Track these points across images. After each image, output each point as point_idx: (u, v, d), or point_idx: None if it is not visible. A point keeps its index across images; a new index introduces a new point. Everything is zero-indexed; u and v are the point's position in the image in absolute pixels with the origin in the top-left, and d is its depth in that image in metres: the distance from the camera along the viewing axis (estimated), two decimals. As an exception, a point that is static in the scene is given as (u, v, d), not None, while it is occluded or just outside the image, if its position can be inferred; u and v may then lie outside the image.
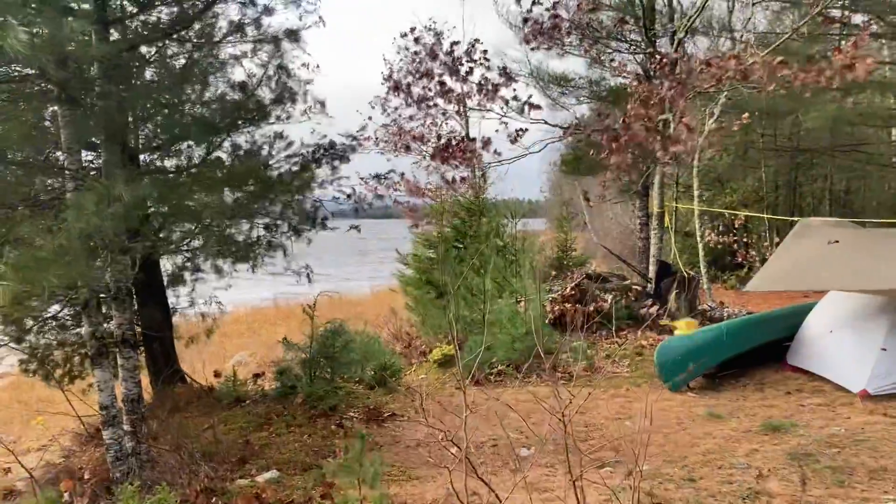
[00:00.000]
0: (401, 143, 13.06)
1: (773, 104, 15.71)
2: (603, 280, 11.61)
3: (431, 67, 12.06)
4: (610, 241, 25.02)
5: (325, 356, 7.28)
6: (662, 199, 12.31)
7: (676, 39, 10.87)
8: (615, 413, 7.15)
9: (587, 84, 16.98)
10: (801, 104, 15.03)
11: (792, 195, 21.33)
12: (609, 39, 13.25)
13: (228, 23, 7.14)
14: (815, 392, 7.74)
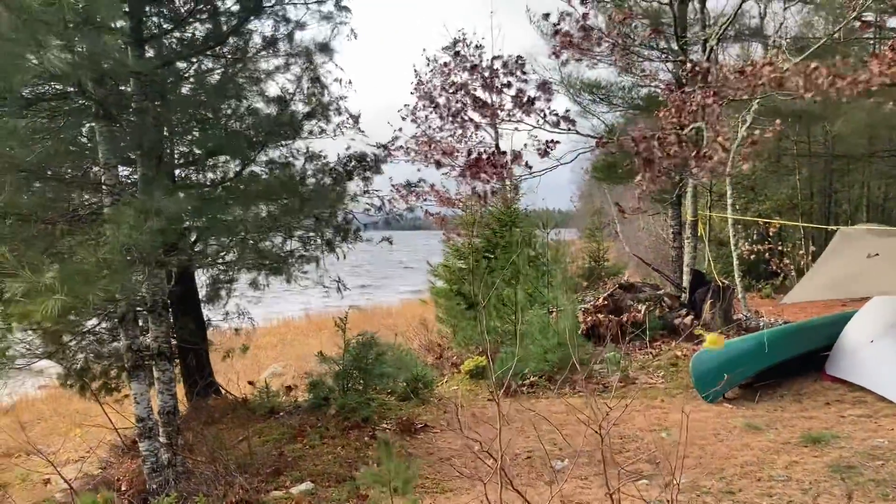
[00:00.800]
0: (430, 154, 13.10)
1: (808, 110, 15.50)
2: (636, 290, 11.50)
3: (466, 80, 12.09)
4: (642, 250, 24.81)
5: (357, 368, 7.29)
6: (696, 208, 12.18)
7: (708, 47, 10.78)
8: (651, 425, 7.06)
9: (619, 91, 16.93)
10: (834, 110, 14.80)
11: (827, 202, 20.97)
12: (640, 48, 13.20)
13: (262, 38, 7.25)
14: (856, 403, 7.57)
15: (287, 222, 7.08)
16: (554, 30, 10.13)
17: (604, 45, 10.46)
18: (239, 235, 6.76)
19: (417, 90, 12.62)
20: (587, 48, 10.32)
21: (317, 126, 7.60)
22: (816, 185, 20.98)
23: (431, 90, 12.89)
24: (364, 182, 7.21)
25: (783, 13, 12.86)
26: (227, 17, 6.80)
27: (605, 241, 25.27)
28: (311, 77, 7.32)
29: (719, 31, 10.56)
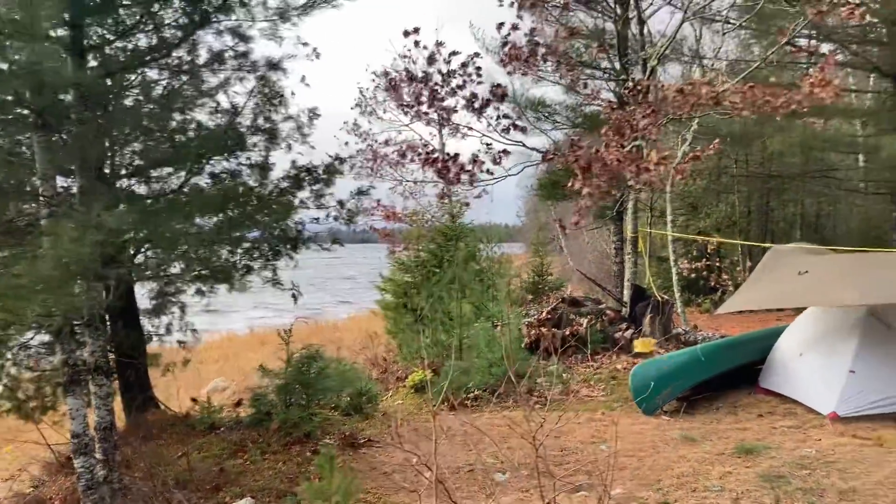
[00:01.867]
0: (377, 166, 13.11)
1: (744, 129, 16.04)
2: (578, 304, 11.70)
3: (429, 72, 12.01)
4: (586, 265, 25.22)
5: (300, 382, 7.25)
6: (636, 225, 12.47)
7: (649, 67, 11.08)
8: (590, 437, 7.20)
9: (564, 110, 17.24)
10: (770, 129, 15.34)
11: (764, 220, 21.67)
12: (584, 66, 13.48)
13: (208, 51, 7.20)
14: (786, 415, 7.84)
15: (232, 235, 7.02)
16: (502, 41, 10.27)
17: (549, 62, 10.65)
18: (182, 248, 6.68)
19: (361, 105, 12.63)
20: (533, 63, 10.49)
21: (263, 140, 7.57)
22: (754, 203, 21.67)
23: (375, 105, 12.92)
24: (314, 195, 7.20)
25: (721, 37, 13.27)
26: (174, 29, 6.74)
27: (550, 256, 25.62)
28: (259, 90, 7.30)
29: (659, 52, 10.88)
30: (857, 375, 7.49)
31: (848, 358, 7.61)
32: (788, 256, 9.23)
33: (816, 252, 9.54)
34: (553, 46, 10.50)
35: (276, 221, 6.84)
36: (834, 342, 8.00)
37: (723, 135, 15.66)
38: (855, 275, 7.95)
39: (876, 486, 5.49)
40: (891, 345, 7.64)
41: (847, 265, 8.65)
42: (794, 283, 8.36)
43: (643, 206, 18.07)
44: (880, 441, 6.71)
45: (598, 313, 11.23)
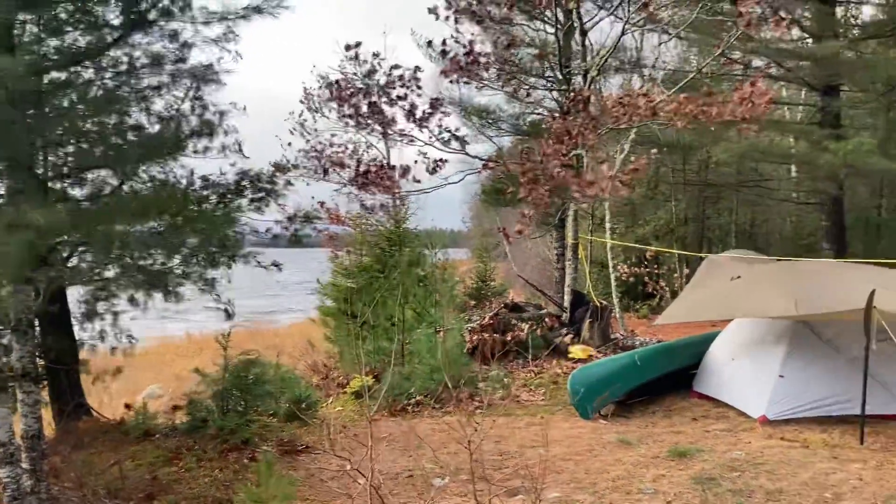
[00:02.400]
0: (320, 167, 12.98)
1: (681, 139, 16.45)
2: (520, 310, 11.82)
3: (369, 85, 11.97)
4: (529, 271, 25.43)
5: (238, 388, 7.16)
6: (576, 232, 12.66)
7: (589, 77, 11.28)
8: (530, 441, 7.27)
9: (509, 117, 17.42)
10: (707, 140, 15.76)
11: (701, 228, 22.22)
12: (527, 75, 13.63)
13: (146, 53, 7.05)
14: (719, 418, 8.06)
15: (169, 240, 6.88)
16: (441, 50, 10.33)
17: (491, 71, 10.75)
18: (117, 252, 6.52)
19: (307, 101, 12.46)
20: (475, 72, 10.58)
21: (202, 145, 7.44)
22: (691, 211, 22.21)
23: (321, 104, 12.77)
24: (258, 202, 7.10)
25: (659, 48, 13.62)
26: (111, 29, 6.59)
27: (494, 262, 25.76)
28: (198, 94, 7.18)
29: (599, 63, 11.09)
30: (786, 380, 7.75)
31: (777, 363, 7.87)
32: (723, 266, 9.51)
33: (750, 261, 9.84)
34: (495, 55, 10.62)
35: (214, 230, 6.73)
36: (764, 348, 8.26)
37: (660, 144, 16.03)
38: (788, 285, 8.21)
39: (801, 487, 5.68)
40: (817, 350, 7.92)
41: (780, 275, 8.93)
42: (731, 295, 8.62)
43: (584, 214, 18.38)
44: (806, 443, 6.96)
45: (538, 319, 11.36)
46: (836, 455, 6.56)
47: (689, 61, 19.58)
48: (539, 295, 14.82)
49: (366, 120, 11.88)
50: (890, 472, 6.08)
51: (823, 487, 5.67)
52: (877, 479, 5.85)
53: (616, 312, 14.48)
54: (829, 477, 5.92)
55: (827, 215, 17.14)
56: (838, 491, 5.59)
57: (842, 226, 17.21)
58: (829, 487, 5.68)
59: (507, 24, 10.96)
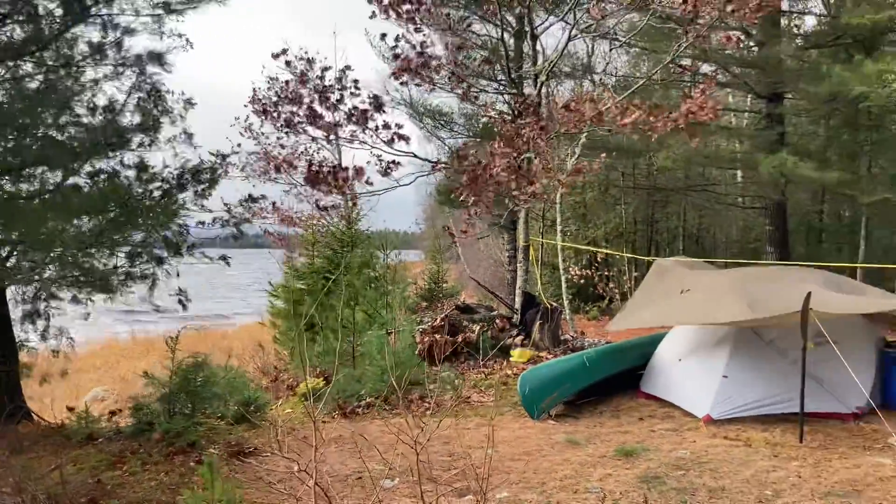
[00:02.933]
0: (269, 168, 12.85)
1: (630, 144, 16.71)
2: (471, 311, 11.86)
3: (301, 93, 11.90)
4: (482, 272, 25.56)
5: (185, 391, 7.03)
6: (527, 234, 12.75)
7: (539, 82, 11.38)
8: (479, 442, 7.29)
9: (462, 119, 17.50)
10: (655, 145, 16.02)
11: (650, 231, 22.61)
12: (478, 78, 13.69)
13: (88, 45, 6.90)
14: (665, 418, 8.20)
15: (112, 237, 6.73)
16: (393, 54, 10.32)
17: (442, 73, 10.77)
18: (57, 250, 6.36)
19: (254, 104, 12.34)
20: (426, 75, 10.58)
21: (147, 138, 7.30)
22: (640, 214, 22.57)
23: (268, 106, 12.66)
24: (198, 196, 6.99)
25: (610, 54, 13.82)
26: (50, 21, 6.43)
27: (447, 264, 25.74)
28: (142, 87, 7.05)
29: (548, 68, 11.20)
30: (730, 380, 7.94)
31: (721, 364, 8.06)
32: (671, 271, 9.69)
33: (694, 266, 10.05)
34: (446, 58, 10.65)
35: (158, 225, 6.61)
36: (709, 349, 8.44)
37: (610, 148, 16.25)
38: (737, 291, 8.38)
39: (742, 485, 5.82)
40: (760, 351, 8.13)
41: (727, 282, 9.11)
42: (679, 300, 8.78)
43: (536, 216, 18.56)
44: (748, 442, 7.13)
45: (489, 320, 11.42)
46: (776, 453, 6.73)
47: (639, 67, 19.89)
48: (491, 297, 14.90)
49: (303, 125, 11.84)
50: (827, 468, 6.26)
51: (764, 485, 5.81)
52: (814, 476, 6.02)
53: (566, 314, 14.63)
54: (769, 474, 6.07)
55: (770, 220, 17.61)
56: (778, 488, 5.74)
57: (785, 230, 17.70)
58: (770, 485, 5.82)
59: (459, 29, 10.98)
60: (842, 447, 6.94)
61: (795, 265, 13.24)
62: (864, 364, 8.12)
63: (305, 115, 11.40)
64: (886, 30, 14.07)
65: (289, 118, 11.51)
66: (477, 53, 14.06)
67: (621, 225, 21.76)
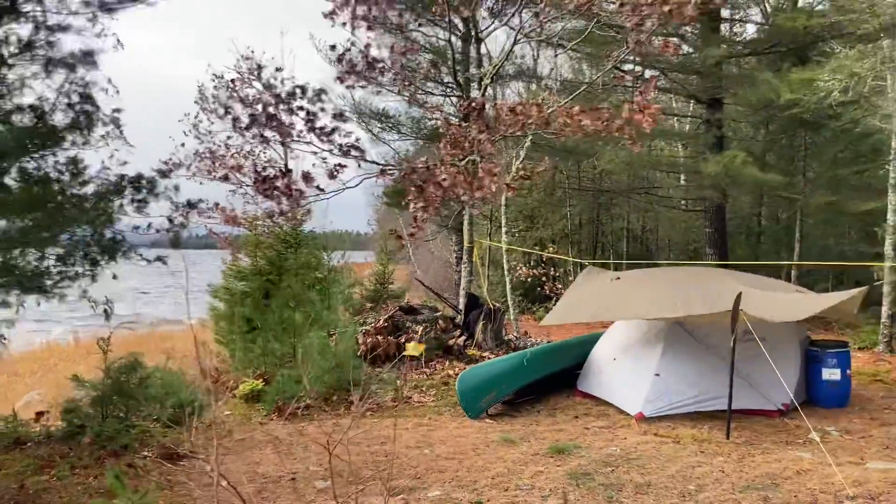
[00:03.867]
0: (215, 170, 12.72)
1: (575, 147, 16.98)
2: (415, 312, 11.92)
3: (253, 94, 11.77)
4: (431, 273, 25.69)
5: (118, 393, 6.95)
6: (472, 235, 12.87)
7: (483, 85, 11.51)
8: (416, 442, 7.37)
9: (409, 121, 17.57)
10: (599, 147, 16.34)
11: (595, 232, 22.98)
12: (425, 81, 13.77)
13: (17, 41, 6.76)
14: (599, 416, 8.39)
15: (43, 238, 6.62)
16: (338, 56, 10.32)
17: (388, 76, 10.81)
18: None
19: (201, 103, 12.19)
20: (372, 77, 10.61)
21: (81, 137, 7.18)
22: (586, 216, 22.94)
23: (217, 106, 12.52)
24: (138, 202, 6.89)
25: (556, 59, 14.03)
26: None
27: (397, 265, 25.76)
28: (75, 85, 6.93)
29: (493, 71, 11.34)
30: (661, 378, 8.16)
31: (654, 362, 8.28)
32: (601, 275, 9.93)
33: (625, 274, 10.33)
34: (392, 60, 10.68)
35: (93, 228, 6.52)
36: (642, 347, 8.66)
37: (556, 151, 16.50)
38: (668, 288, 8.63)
39: (668, 480, 6.00)
40: (691, 350, 8.38)
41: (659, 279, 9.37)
42: (614, 297, 8.99)
43: (484, 218, 18.72)
44: (678, 438, 7.34)
45: (433, 321, 11.49)
46: (703, 449, 6.95)
47: (584, 73, 20.22)
48: (436, 298, 14.99)
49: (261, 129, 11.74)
50: (750, 463, 6.49)
51: (688, 480, 6.01)
52: (737, 471, 6.24)
53: (511, 314, 14.80)
54: (694, 470, 6.27)
55: (710, 222, 18.06)
56: (701, 483, 5.93)
57: (724, 232, 18.17)
58: (694, 479, 6.01)
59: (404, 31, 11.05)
60: (766, 443, 7.20)
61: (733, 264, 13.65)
62: (790, 362, 8.45)
63: (260, 115, 11.29)
64: (818, 38, 14.57)
65: (239, 117, 11.37)
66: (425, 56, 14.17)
67: (567, 226, 22.08)
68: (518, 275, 18.56)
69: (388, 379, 9.70)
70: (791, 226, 18.23)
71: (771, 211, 21.73)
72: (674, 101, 22.60)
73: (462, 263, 13.47)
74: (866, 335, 13.85)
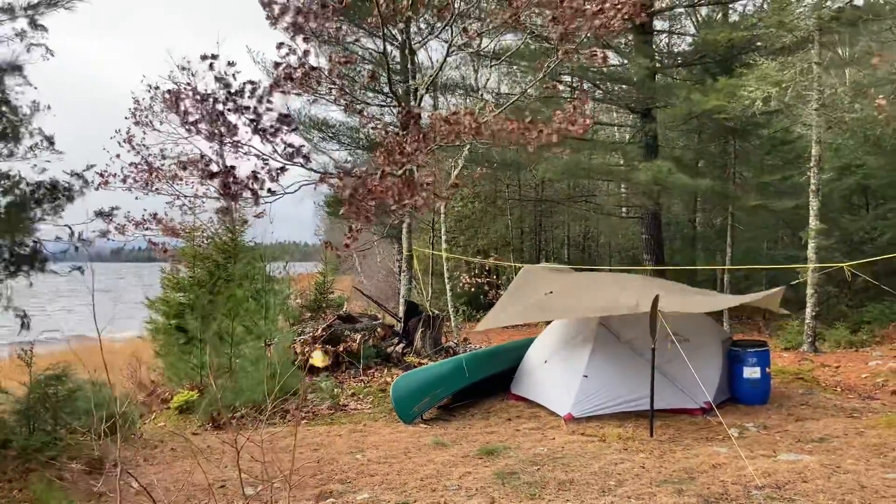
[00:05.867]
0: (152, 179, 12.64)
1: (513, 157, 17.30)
2: (354, 321, 12.01)
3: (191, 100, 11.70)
4: (376, 282, 25.75)
5: (44, 405, 6.89)
6: (410, 244, 13.02)
7: (419, 95, 11.69)
8: (348, 448, 7.46)
9: (348, 131, 17.66)
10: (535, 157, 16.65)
11: (537, 240, 23.37)
12: (364, 90, 13.91)
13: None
14: (531, 418, 8.60)
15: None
16: (274, 63, 10.37)
17: (324, 85, 10.90)
18: None
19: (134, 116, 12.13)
20: (308, 86, 10.69)
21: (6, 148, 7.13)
22: (527, 224, 23.33)
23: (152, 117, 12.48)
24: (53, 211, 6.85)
25: (490, 71, 14.30)
26: None
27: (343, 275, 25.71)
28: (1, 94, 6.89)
29: (426, 82, 11.53)
30: (590, 380, 8.40)
31: (582, 364, 8.52)
32: (538, 275, 10.16)
33: (560, 272, 10.57)
34: (330, 69, 10.78)
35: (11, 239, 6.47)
36: (572, 350, 8.90)
37: (493, 161, 16.78)
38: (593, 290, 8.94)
39: (590, 476, 6.20)
40: (618, 352, 8.64)
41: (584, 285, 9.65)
42: (543, 299, 9.23)
43: (425, 227, 18.89)
44: (603, 437, 7.58)
45: (371, 329, 11.59)
46: (627, 447, 7.19)
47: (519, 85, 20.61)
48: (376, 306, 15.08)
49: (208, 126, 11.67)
50: (670, 459, 6.74)
51: (609, 476, 6.22)
52: (657, 466, 6.48)
53: (453, 322, 14.98)
54: (616, 466, 6.50)
55: (646, 229, 18.56)
56: (622, 478, 6.15)
57: (660, 238, 18.69)
58: (615, 475, 6.23)
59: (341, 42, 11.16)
60: (687, 439, 7.49)
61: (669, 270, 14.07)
62: (712, 362, 8.81)
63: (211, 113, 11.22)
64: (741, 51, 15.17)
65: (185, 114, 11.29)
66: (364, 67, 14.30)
67: (508, 235, 22.40)
68: (461, 283, 18.74)
69: (325, 387, 9.75)
70: (724, 230, 18.84)
71: (706, 217, 22.41)
72: (614, 111, 23.17)
73: (402, 272, 13.60)
74: (792, 336, 14.41)
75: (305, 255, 47.06)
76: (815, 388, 10.12)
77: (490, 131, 10.30)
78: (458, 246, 20.95)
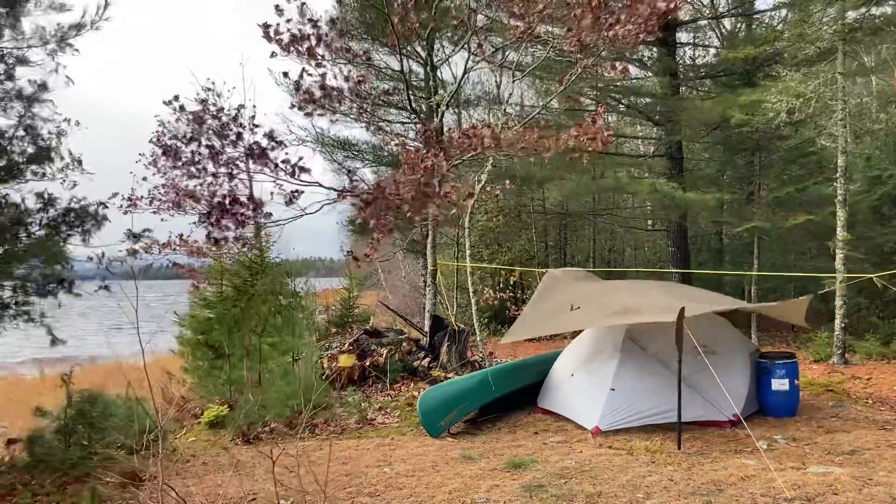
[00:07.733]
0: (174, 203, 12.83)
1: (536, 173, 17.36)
2: (380, 335, 12.09)
3: (199, 132, 11.90)
4: (401, 297, 25.85)
5: (81, 422, 7.05)
6: (435, 258, 13.10)
7: (441, 111, 11.80)
8: (377, 461, 7.50)
9: (371, 149, 17.84)
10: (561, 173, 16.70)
11: (562, 254, 23.33)
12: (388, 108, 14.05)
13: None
14: (558, 431, 8.59)
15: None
16: (295, 84, 10.53)
17: (345, 105, 11.04)
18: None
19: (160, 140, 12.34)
20: (329, 105, 10.83)
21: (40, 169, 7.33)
22: (551, 238, 23.31)
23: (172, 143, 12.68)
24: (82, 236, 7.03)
25: (513, 85, 14.38)
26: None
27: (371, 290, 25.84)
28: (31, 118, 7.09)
29: (447, 97, 11.65)
30: (617, 393, 8.39)
31: (609, 377, 8.52)
32: (561, 280, 10.17)
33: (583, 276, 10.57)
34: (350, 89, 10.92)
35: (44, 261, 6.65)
36: (599, 363, 8.90)
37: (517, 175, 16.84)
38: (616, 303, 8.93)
39: (618, 489, 6.20)
40: (644, 364, 8.63)
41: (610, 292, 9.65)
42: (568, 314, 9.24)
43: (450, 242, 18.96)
44: (631, 450, 7.56)
45: (397, 343, 11.66)
46: (654, 460, 7.17)
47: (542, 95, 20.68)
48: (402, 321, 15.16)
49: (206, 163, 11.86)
50: (699, 472, 6.71)
51: (637, 488, 6.21)
52: (685, 479, 6.45)
53: (478, 336, 14.99)
54: (644, 479, 6.48)
55: (672, 241, 18.48)
56: (650, 490, 6.14)
57: (686, 250, 18.61)
58: (643, 488, 6.22)
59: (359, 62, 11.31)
60: (715, 452, 7.44)
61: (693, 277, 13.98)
62: (740, 374, 8.77)
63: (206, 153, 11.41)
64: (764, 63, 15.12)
65: (189, 158, 11.51)
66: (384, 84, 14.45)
67: (532, 248, 22.40)
68: (486, 297, 18.78)
69: (352, 401, 9.82)
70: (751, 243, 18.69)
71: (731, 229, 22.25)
72: (638, 124, 23.13)
73: (427, 287, 13.67)
74: (821, 348, 14.24)
75: (330, 271, 47.37)
76: (845, 401, 10.01)
77: (508, 143, 10.37)
78: (483, 260, 20.99)
